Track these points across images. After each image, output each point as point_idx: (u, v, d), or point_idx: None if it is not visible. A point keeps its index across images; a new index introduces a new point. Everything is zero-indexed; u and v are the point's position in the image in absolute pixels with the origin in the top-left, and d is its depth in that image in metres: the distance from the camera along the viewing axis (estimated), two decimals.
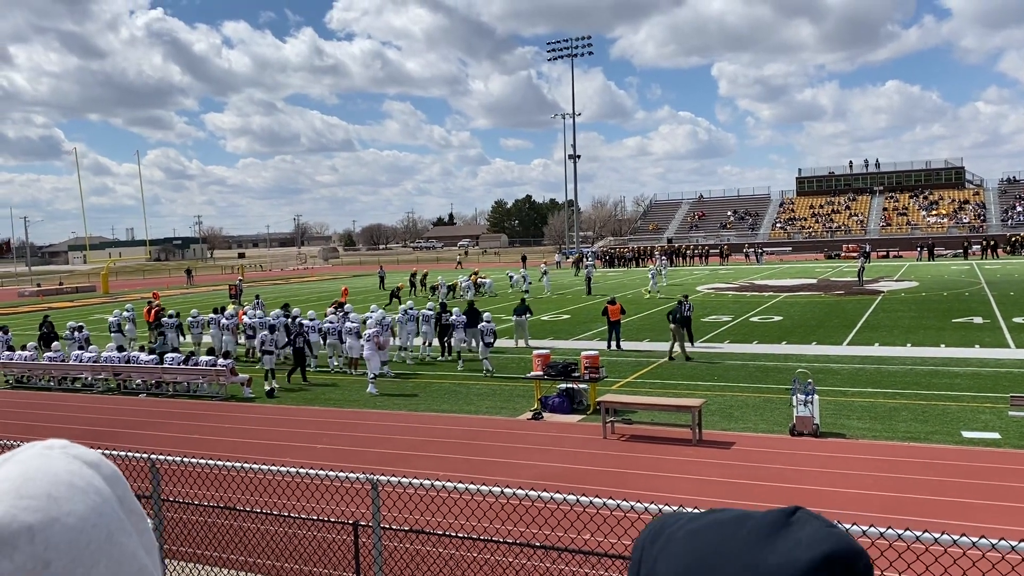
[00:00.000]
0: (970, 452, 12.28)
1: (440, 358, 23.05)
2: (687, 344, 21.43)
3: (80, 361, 21.48)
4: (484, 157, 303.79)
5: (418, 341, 23.23)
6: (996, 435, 13.07)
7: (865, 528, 4.88)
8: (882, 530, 4.79)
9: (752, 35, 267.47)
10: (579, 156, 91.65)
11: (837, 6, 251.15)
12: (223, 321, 24.38)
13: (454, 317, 22.57)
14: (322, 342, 22.66)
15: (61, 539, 0.66)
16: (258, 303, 28.63)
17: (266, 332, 20.77)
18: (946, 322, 26.46)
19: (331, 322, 22.26)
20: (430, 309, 23.63)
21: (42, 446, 0.74)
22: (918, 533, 4.71)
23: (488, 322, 20.22)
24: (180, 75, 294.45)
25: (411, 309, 23.32)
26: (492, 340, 20.20)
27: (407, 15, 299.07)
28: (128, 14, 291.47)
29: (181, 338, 25.05)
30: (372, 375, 18.82)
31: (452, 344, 22.95)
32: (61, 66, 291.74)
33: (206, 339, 25.41)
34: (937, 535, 4.67)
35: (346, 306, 23.88)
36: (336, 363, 22.08)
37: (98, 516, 0.70)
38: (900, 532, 4.74)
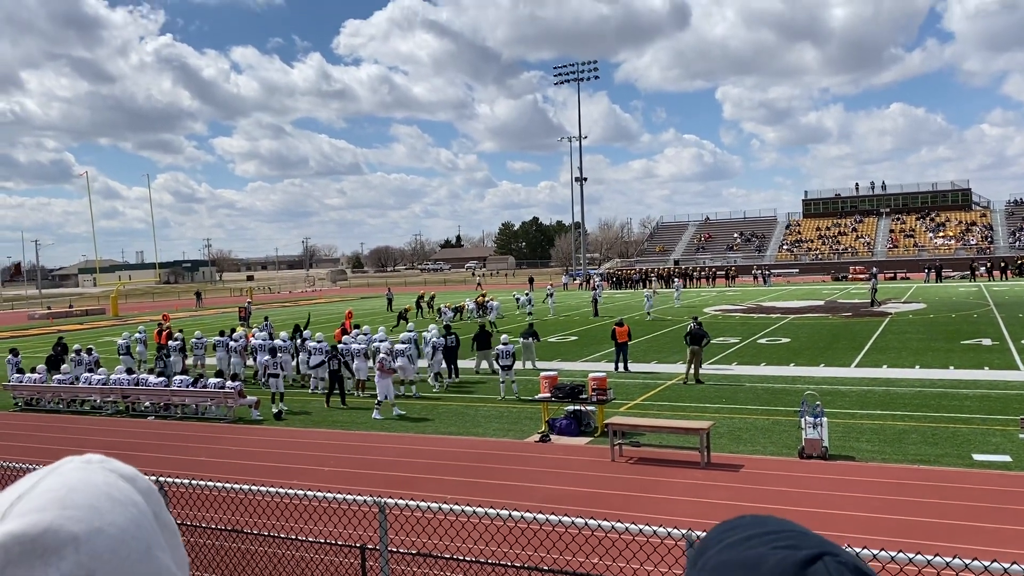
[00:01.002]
0: (981, 475, 12.19)
1: (448, 380, 23.04)
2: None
3: (89, 383, 21.55)
4: (491, 180, 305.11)
5: (423, 363, 23.16)
6: (1007, 458, 12.97)
7: (876, 552, 4.85)
8: (893, 554, 4.77)
9: (756, 59, 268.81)
10: (586, 179, 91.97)
11: (840, 30, 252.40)
12: (231, 343, 24.46)
13: (434, 339, 22.48)
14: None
15: (104, 549, 0.68)
16: (267, 325, 28.70)
17: (267, 356, 20.84)
18: (955, 344, 26.34)
19: (344, 343, 22.34)
20: (438, 336, 23.46)
21: (81, 460, 0.77)
22: (929, 557, 4.69)
23: (505, 344, 20.19)
24: (189, 100, 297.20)
25: (413, 331, 23.34)
26: (511, 363, 20.08)
27: (413, 40, 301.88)
28: (138, 40, 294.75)
29: (185, 360, 25.20)
30: (378, 400, 18.75)
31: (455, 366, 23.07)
32: (72, 91, 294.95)
33: (211, 361, 25.46)
34: (948, 559, 4.65)
35: (363, 327, 23.97)
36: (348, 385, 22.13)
37: (137, 528, 0.72)
38: (911, 556, 4.72)
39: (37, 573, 0.64)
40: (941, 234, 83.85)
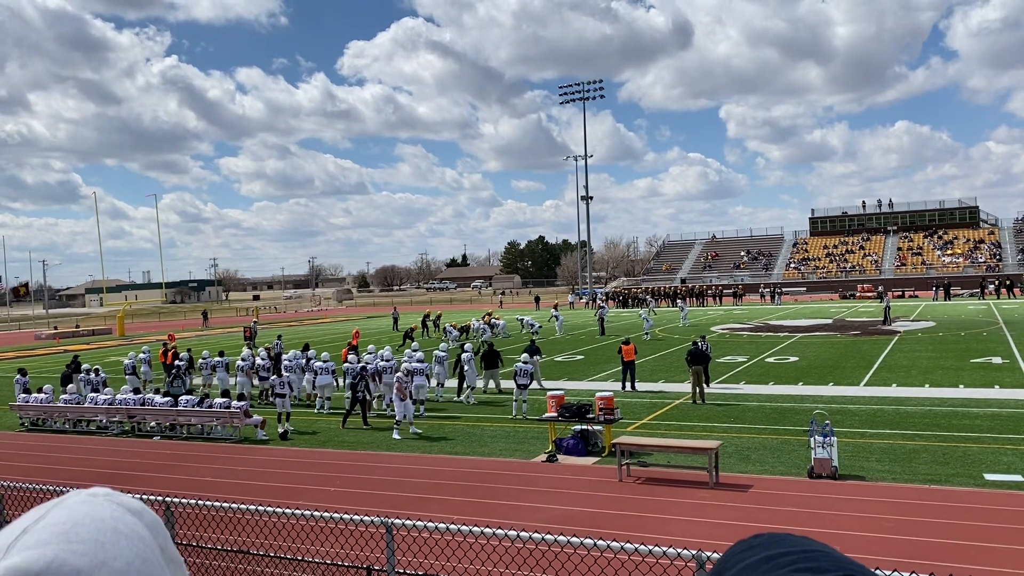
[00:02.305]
0: (992, 495, 12.07)
1: (456, 399, 23.07)
2: (704, 386, 21.28)
3: (95, 403, 21.56)
4: (496, 199, 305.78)
5: (432, 382, 23.21)
6: (1019, 477, 12.85)
7: (888, 574, 4.80)
8: (904, 575, 4.71)
9: (759, 78, 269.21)
10: (591, 197, 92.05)
11: (843, 49, 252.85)
12: (239, 363, 24.47)
13: (466, 354, 22.64)
14: (338, 383, 22.89)
15: None
16: (278, 344, 28.76)
17: (274, 376, 20.90)
18: (964, 362, 26.19)
19: (350, 363, 22.34)
20: (443, 350, 23.78)
21: (87, 493, 0.77)
22: None
23: (526, 363, 20.20)
24: (195, 120, 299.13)
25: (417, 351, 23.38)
26: (528, 381, 20.07)
27: (417, 61, 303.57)
28: (144, 61, 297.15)
29: (191, 380, 25.30)
30: (396, 421, 18.65)
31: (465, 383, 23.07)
32: (79, 112, 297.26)
33: (215, 381, 25.49)
34: None
35: (370, 347, 24.09)
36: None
37: (143, 563, 0.72)
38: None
39: None
40: (949, 252, 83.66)
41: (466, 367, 22.61)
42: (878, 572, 4.77)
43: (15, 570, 0.65)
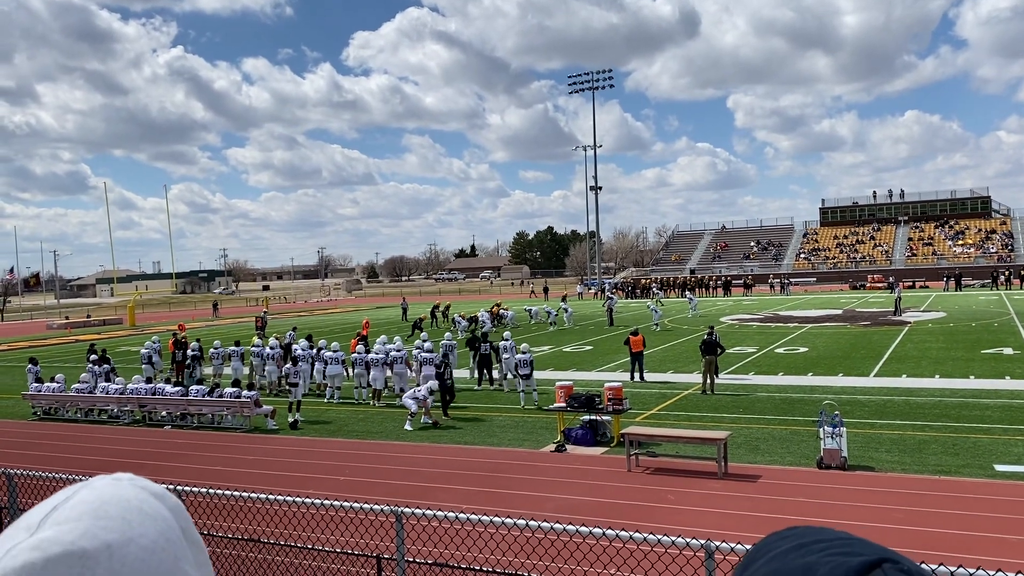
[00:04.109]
0: (1003, 486, 12.03)
1: (477, 388, 23.16)
2: (714, 376, 21.23)
3: (106, 393, 21.70)
4: (504, 189, 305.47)
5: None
6: None
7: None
8: None
9: (767, 67, 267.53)
10: (600, 187, 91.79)
11: (851, 38, 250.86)
12: (266, 351, 24.70)
13: (505, 343, 22.68)
14: (348, 372, 23.01)
15: (135, 558, 0.72)
16: (291, 336, 28.81)
17: (289, 365, 20.95)
18: (975, 353, 26.07)
19: (359, 353, 22.43)
20: (451, 339, 23.89)
21: (111, 477, 0.81)
22: (952, 569, 4.62)
23: (524, 352, 20.17)
24: (202, 111, 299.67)
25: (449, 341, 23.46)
26: (529, 371, 20.00)
27: (423, 51, 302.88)
28: (151, 52, 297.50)
29: (201, 370, 25.53)
30: (411, 413, 18.51)
31: (495, 374, 23.21)
32: (86, 103, 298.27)
33: (227, 371, 25.62)
34: (972, 571, 4.58)
35: (381, 337, 24.18)
36: (364, 393, 22.20)
37: (166, 542, 0.76)
38: (934, 568, 4.65)
39: None
40: (960, 242, 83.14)
41: (450, 356, 22.66)
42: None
43: (49, 542, 0.69)
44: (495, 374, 23.36)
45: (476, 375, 23.79)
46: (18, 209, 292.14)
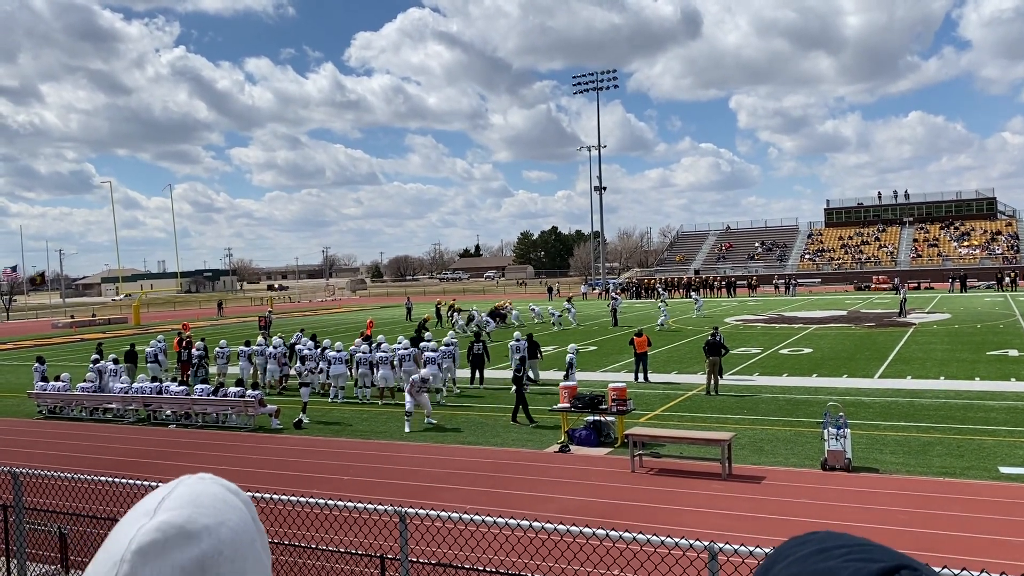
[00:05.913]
0: (1007, 488, 12.01)
1: (470, 386, 23.16)
2: (718, 377, 21.22)
3: (111, 391, 21.74)
4: (507, 189, 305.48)
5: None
6: None
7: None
8: None
9: (769, 68, 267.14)
10: (605, 188, 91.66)
11: (854, 38, 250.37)
12: (269, 350, 24.81)
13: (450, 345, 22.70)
14: (351, 372, 23.02)
15: (228, 537, 0.93)
16: (298, 336, 28.90)
17: (299, 364, 21.05)
18: (980, 355, 26.01)
19: (364, 352, 22.45)
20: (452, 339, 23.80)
21: (197, 477, 1.01)
22: (956, 571, 4.62)
23: (519, 340, 20.15)
24: (205, 111, 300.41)
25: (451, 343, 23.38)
26: (568, 371, 20.14)
27: (425, 51, 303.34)
28: (154, 52, 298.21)
29: (206, 370, 25.64)
30: (407, 412, 18.53)
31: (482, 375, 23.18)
32: (90, 103, 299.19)
33: (233, 370, 25.67)
34: (976, 573, 4.58)
35: (379, 337, 24.19)
36: (367, 393, 22.21)
37: (245, 525, 0.97)
38: (937, 570, 4.65)
39: (187, 550, 0.89)
40: (966, 243, 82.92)
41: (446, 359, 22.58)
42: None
43: (166, 524, 0.90)
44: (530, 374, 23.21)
45: (470, 374, 23.81)
46: (23, 208, 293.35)
